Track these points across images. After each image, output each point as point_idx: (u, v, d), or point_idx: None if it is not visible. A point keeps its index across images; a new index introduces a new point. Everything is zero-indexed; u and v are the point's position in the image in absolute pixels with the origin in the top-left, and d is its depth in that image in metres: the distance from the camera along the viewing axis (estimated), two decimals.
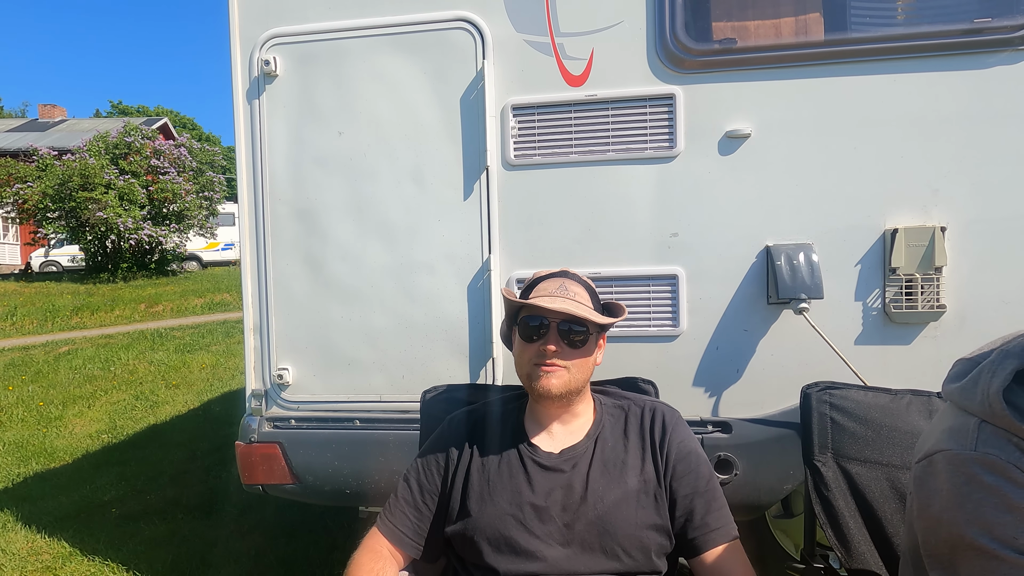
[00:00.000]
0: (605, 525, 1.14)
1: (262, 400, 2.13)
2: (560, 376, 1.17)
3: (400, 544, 1.23)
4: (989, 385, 0.80)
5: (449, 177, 2.00)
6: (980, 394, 0.81)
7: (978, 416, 0.82)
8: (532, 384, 1.19)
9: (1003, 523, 0.74)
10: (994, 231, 1.78)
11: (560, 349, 1.17)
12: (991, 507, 0.75)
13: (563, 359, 1.17)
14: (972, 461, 0.78)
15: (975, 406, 0.82)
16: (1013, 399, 0.79)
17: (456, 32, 1.96)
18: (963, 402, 0.85)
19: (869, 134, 1.81)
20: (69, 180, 13.16)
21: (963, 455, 0.79)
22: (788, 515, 2.17)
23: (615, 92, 1.90)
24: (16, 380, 6.64)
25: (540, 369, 1.17)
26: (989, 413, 0.80)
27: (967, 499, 0.78)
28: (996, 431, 0.79)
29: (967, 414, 0.84)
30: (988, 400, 0.80)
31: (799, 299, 1.77)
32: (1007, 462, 0.76)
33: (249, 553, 2.81)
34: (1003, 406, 0.78)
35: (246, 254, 2.13)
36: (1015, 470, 0.75)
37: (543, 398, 1.20)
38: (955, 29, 1.75)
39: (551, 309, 1.16)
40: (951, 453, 0.81)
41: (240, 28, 2.08)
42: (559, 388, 1.17)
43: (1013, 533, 0.73)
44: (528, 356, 1.20)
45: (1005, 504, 0.74)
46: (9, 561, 2.88)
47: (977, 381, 0.83)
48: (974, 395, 0.83)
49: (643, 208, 1.91)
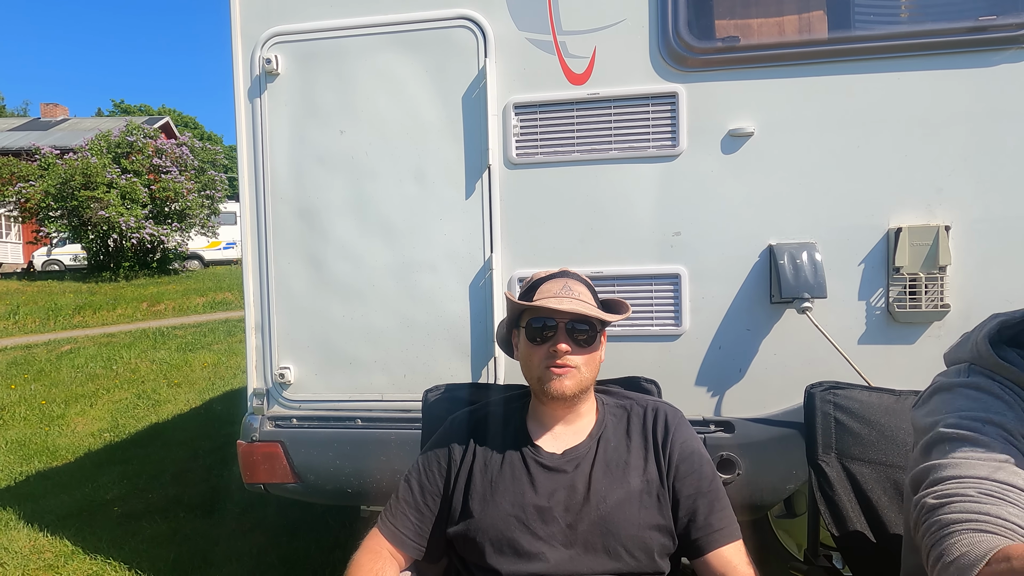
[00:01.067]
0: (608, 526, 1.13)
1: (264, 399, 2.13)
2: (573, 377, 1.17)
3: (401, 545, 1.22)
4: (977, 334, 0.91)
5: (451, 176, 1.99)
6: (970, 344, 0.92)
7: (968, 361, 0.92)
8: (544, 387, 1.18)
9: (972, 415, 0.82)
10: (998, 230, 1.77)
11: (570, 349, 1.17)
12: (966, 407, 0.84)
13: (574, 358, 1.17)
14: (960, 383, 0.88)
15: (965, 354, 0.92)
16: (1000, 352, 0.88)
17: (458, 30, 1.96)
18: (955, 355, 0.95)
19: (873, 133, 1.80)
20: (71, 179, 13.18)
21: (954, 380, 0.89)
22: (791, 515, 2.17)
23: (617, 90, 1.90)
24: (18, 379, 6.65)
25: (552, 371, 1.17)
26: (977, 357, 0.89)
27: (948, 403, 0.86)
28: (983, 371, 0.88)
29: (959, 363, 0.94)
30: (976, 346, 0.90)
31: (802, 298, 1.77)
32: (992, 383, 0.85)
33: (251, 552, 2.81)
34: (988, 348, 0.87)
35: (248, 253, 2.13)
36: (997, 386, 0.84)
37: (556, 400, 1.19)
38: (960, 27, 1.74)
39: (562, 310, 1.16)
40: (942, 382, 0.92)
41: (242, 26, 2.08)
42: (573, 389, 1.17)
43: (980, 423, 0.80)
44: (538, 358, 1.19)
45: (980, 404, 0.83)
46: (12, 559, 2.88)
47: (968, 337, 0.94)
48: (964, 347, 0.93)
49: (645, 207, 1.91)
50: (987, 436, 0.79)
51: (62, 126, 25.58)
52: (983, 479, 0.74)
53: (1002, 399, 0.83)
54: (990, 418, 0.81)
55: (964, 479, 0.75)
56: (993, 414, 0.81)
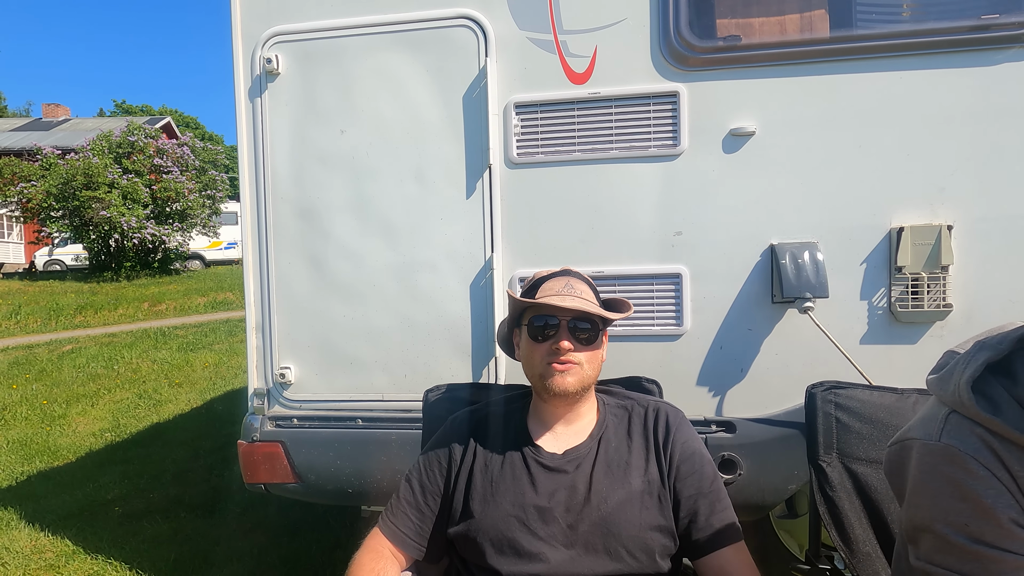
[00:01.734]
0: (609, 526, 1.13)
1: (264, 399, 2.13)
2: (575, 373, 1.18)
3: (402, 545, 1.22)
4: (961, 375, 0.83)
5: (451, 175, 1.99)
6: (952, 384, 0.84)
7: (948, 406, 0.84)
8: (546, 383, 1.18)
9: (957, 511, 0.78)
10: (1001, 229, 1.76)
11: (573, 346, 1.17)
12: (947, 496, 0.79)
13: (576, 356, 1.18)
14: (935, 451, 0.82)
15: (947, 396, 0.84)
16: (986, 389, 0.80)
17: (459, 30, 1.95)
18: (938, 392, 0.88)
19: (875, 132, 1.80)
20: (73, 179, 13.20)
21: (928, 444, 0.83)
22: (792, 515, 2.16)
23: (618, 90, 1.89)
24: (20, 378, 6.66)
25: (554, 367, 1.17)
26: (958, 403, 0.82)
27: (928, 487, 0.82)
28: (962, 420, 0.81)
29: (941, 404, 0.87)
30: (958, 390, 0.82)
31: (804, 298, 1.76)
32: (966, 453, 0.78)
33: (251, 552, 2.81)
34: (970, 396, 0.80)
35: (248, 253, 2.13)
36: (973, 462, 0.77)
37: (558, 397, 1.19)
38: (962, 26, 1.73)
39: (564, 307, 1.16)
40: (919, 443, 0.85)
41: (242, 26, 2.08)
42: (575, 385, 1.18)
43: (964, 520, 0.77)
44: (540, 356, 1.19)
45: (960, 493, 0.78)
46: (13, 559, 2.88)
47: (952, 372, 0.86)
48: (948, 385, 0.85)
49: (647, 206, 1.90)
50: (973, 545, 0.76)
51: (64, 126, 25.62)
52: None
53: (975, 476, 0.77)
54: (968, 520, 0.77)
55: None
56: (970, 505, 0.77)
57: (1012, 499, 0.75)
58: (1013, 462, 0.76)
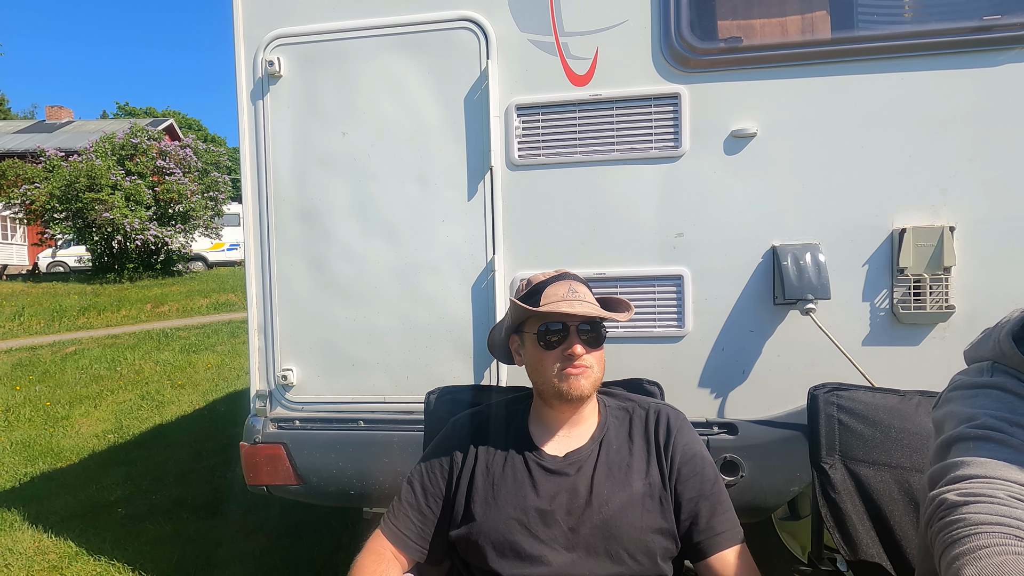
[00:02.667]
0: (610, 529, 1.13)
1: (266, 401, 2.13)
2: (589, 376, 1.19)
3: (404, 547, 1.22)
4: (1001, 331, 0.87)
5: (453, 177, 1.99)
6: (992, 341, 0.88)
7: (991, 359, 0.88)
8: (561, 387, 1.18)
9: (998, 416, 0.79)
10: (1004, 231, 1.76)
11: (584, 351, 1.18)
12: (988, 406, 0.81)
13: (587, 358, 1.19)
14: (983, 383, 0.85)
15: (987, 352, 0.89)
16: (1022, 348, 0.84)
17: (460, 32, 1.96)
18: (977, 353, 0.92)
19: (876, 133, 1.79)
20: (76, 181, 13.26)
21: (976, 380, 0.86)
22: (795, 517, 2.16)
23: (620, 91, 1.89)
24: (23, 380, 6.68)
25: (569, 372, 1.17)
26: (1000, 354, 0.86)
27: (970, 404, 0.83)
28: (1007, 370, 0.85)
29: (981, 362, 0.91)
30: (999, 343, 0.86)
31: (806, 300, 1.76)
32: (1018, 383, 0.81)
33: (254, 553, 2.82)
34: (1012, 345, 0.84)
35: (250, 255, 2.13)
36: (1020, 394, 0.81)
37: (571, 401, 1.19)
38: (964, 27, 1.73)
39: (576, 314, 1.17)
40: (963, 380, 0.88)
41: (244, 29, 2.08)
42: (590, 388, 1.19)
43: (1002, 422, 0.78)
44: (551, 362, 1.19)
45: (1006, 406, 0.80)
46: (16, 560, 2.89)
47: (990, 334, 0.91)
48: (987, 344, 0.90)
49: (648, 208, 1.90)
50: (1016, 439, 0.74)
51: (67, 128, 25.70)
52: (1012, 482, 0.69)
53: (1021, 396, 0.80)
54: (1018, 420, 0.76)
55: (991, 479, 0.70)
56: (1020, 416, 0.77)
57: None
58: None
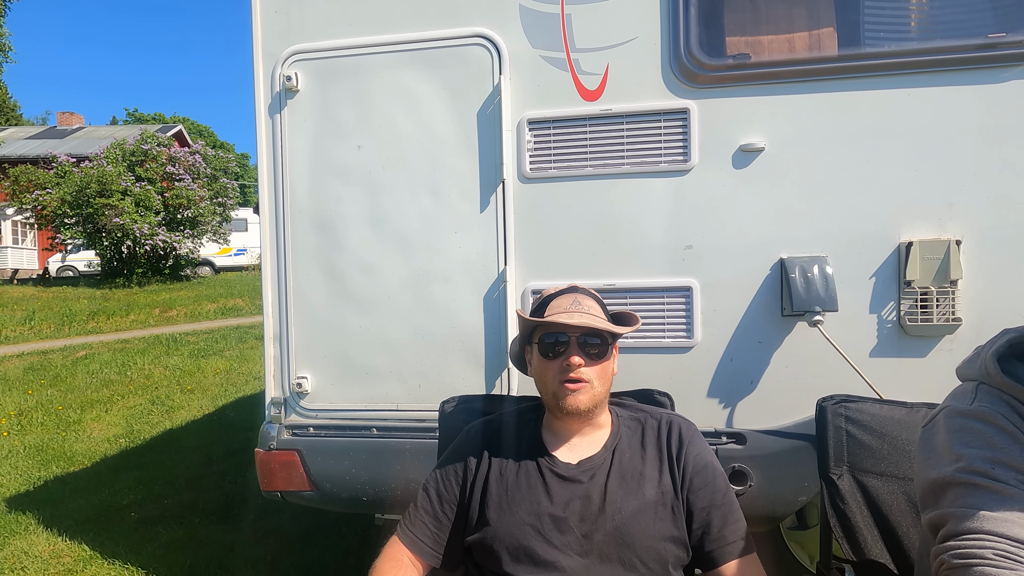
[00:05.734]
0: (623, 536, 1.16)
1: (281, 408, 2.17)
2: (587, 392, 1.20)
3: (420, 553, 1.25)
4: (987, 351, 0.92)
5: (466, 190, 2.03)
6: (980, 360, 0.93)
7: (977, 380, 0.93)
8: (560, 402, 1.21)
9: (983, 457, 0.84)
10: (1009, 244, 1.78)
11: (583, 362, 1.20)
12: (975, 446, 0.85)
13: (587, 371, 1.20)
14: (967, 413, 0.89)
15: (975, 371, 0.94)
16: (1010, 367, 0.89)
17: (473, 48, 2.00)
18: (966, 372, 0.97)
19: (883, 148, 1.82)
20: (87, 187, 13.41)
21: (960, 408, 0.90)
22: (803, 527, 2.18)
23: (630, 106, 1.93)
24: (35, 384, 6.75)
25: (567, 387, 1.20)
26: (985, 375, 0.91)
27: (956, 442, 0.87)
28: (991, 391, 0.89)
29: (969, 381, 0.96)
30: (984, 363, 0.91)
31: (813, 311, 1.78)
32: (1000, 414, 0.86)
33: (265, 558, 2.85)
34: (995, 365, 0.88)
35: (267, 264, 2.18)
36: (1002, 419, 0.85)
37: (571, 416, 1.22)
38: (969, 44, 1.76)
39: (573, 324, 1.19)
40: (951, 408, 0.92)
41: (263, 44, 2.13)
42: (587, 404, 1.20)
43: (990, 466, 0.83)
44: (552, 373, 1.22)
45: (988, 443, 0.85)
46: (32, 563, 2.94)
47: (980, 352, 0.95)
48: (975, 364, 0.95)
49: (657, 220, 1.93)
50: (999, 482, 0.80)
51: (78, 134, 25.97)
52: (1000, 537, 0.76)
53: (1006, 431, 0.84)
54: (998, 458, 0.82)
55: (981, 536, 0.77)
56: (1000, 452, 0.83)
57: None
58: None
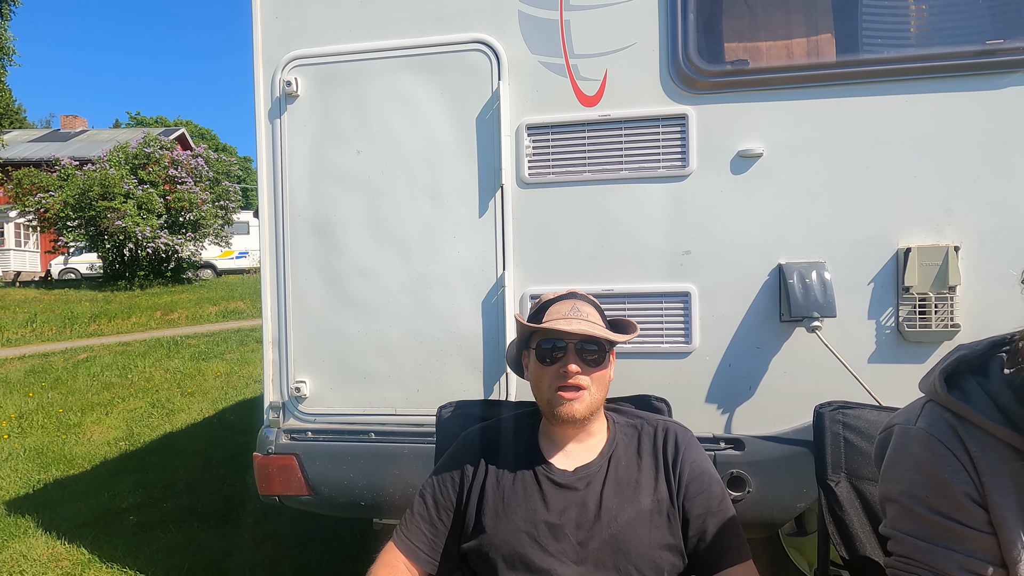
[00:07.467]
0: (619, 544, 1.15)
1: (280, 412, 2.17)
2: (583, 400, 1.20)
3: (416, 559, 1.25)
4: (938, 368, 0.95)
5: (465, 195, 2.04)
6: (931, 377, 0.96)
7: (927, 396, 0.96)
8: (555, 410, 1.21)
9: (919, 484, 0.89)
10: (1008, 250, 1.78)
11: (580, 369, 1.20)
12: (912, 470, 0.90)
13: (583, 378, 1.20)
14: (908, 433, 0.93)
15: (926, 387, 0.96)
16: (962, 383, 0.92)
17: (472, 54, 2.01)
18: (921, 386, 1.00)
19: (882, 154, 1.82)
20: (89, 189, 13.46)
21: (905, 428, 0.95)
22: (801, 533, 2.17)
23: (628, 112, 1.93)
24: (36, 386, 6.76)
25: (562, 395, 1.20)
26: (933, 391, 0.93)
27: (898, 463, 0.93)
28: (935, 407, 0.92)
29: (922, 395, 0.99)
30: (934, 381, 0.94)
31: (812, 317, 1.78)
32: (931, 435, 0.89)
33: (264, 562, 2.85)
34: (942, 384, 0.91)
35: (266, 268, 2.18)
36: (937, 442, 0.89)
37: (567, 423, 1.22)
38: (967, 51, 1.77)
39: (570, 331, 1.19)
40: (898, 427, 0.97)
41: (263, 50, 2.14)
42: (583, 412, 1.20)
43: (925, 493, 0.88)
44: (548, 379, 1.22)
45: (923, 469, 0.89)
46: (31, 567, 2.94)
47: (934, 369, 0.98)
48: (928, 379, 0.97)
49: (656, 226, 1.94)
50: (934, 513, 0.87)
51: (81, 137, 26.11)
52: (926, 566, 0.87)
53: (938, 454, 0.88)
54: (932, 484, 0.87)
55: (912, 563, 0.89)
56: (932, 478, 0.87)
57: (967, 476, 0.86)
58: (973, 444, 0.86)
